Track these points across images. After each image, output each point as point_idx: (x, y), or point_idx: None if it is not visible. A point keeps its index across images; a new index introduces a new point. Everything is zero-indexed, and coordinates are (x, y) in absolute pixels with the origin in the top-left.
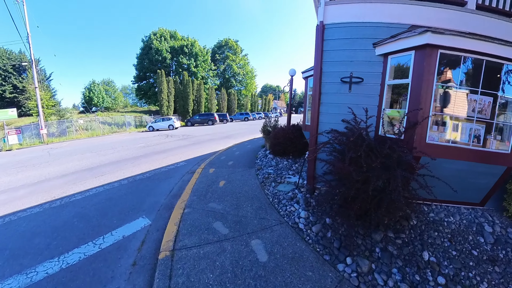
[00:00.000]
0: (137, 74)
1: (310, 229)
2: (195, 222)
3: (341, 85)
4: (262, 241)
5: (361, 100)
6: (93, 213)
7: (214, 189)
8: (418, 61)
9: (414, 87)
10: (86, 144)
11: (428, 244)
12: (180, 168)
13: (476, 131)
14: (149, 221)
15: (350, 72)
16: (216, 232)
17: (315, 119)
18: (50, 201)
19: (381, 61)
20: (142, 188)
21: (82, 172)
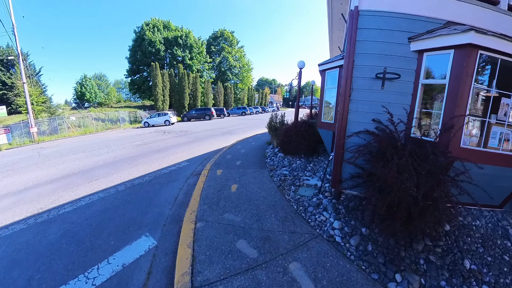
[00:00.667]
0: (130, 68)
1: (348, 242)
2: (213, 242)
3: (374, 81)
4: (302, 264)
5: (394, 98)
6: (85, 230)
7: (226, 195)
8: (457, 61)
9: (452, 89)
10: (79, 142)
11: (465, 251)
12: (183, 169)
13: (506, 135)
14: (154, 240)
15: (384, 67)
16: (243, 256)
17: (343, 118)
18: (36, 215)
19: (416, 58)
20: (142, 196)
21: (73, 176)
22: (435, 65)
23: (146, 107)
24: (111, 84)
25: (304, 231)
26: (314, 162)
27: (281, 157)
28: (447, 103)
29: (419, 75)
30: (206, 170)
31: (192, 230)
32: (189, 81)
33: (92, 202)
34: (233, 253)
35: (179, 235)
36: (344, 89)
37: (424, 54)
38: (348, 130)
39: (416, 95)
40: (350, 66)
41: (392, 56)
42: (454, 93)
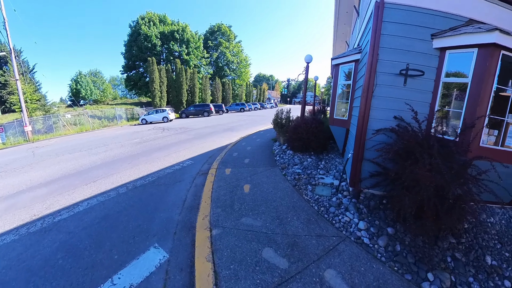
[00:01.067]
0: (126, 63)
1: (376, 243)
2: (235, 252)
3: (396, 77)
4: (337, 271)
5: (415, 95)
6: (84, 242)
7: (239, 196)
8: (480, 60)
9: (474, 88)
10: (75, 140)
11: (484, 247)
12: (188, 168)
13: None
14: (165, 253)
15: (406, 63)
16: (273, 268)
17: (365, 115)
18: (29, 223)
19: (437, 55)
20: (147, 199)
21: (70, 178)
22: (457, 63)
23: (143, 103)
24: (106, 81)
25: (331, 234)
26: (325, 160)
27: (291, 154)
28: (468, 102)
29: (440, 73)
30: (213, 169)
31: (209, 239)
32: (186, 76)
33: (91, 208)
34: (260, 265)
35: (194, 245)
36: (367, 84)
37: (447, 51)
38: (370, 127)
39: (437, 93)
40: (375, 60)
41: (414, 52)
42: (476, 92)
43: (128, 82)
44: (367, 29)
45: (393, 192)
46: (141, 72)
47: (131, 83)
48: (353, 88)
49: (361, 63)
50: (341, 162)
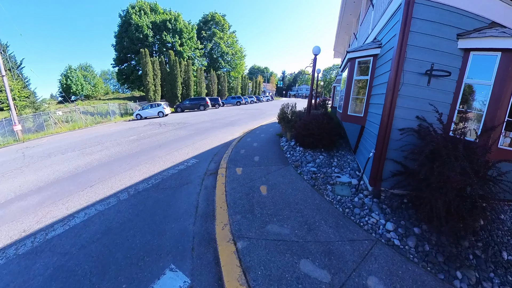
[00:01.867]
0: (117, 56)
1: (406, 244)
2: (270, 269)
3: (421, 76)
4: (378, 278)
5: (437, 96)
6: (83, 267)
7: (258, 199)
8: (503, 64)
9: (496, 91)
10: (67, 139)
11: (499, 243)
12: (193, 168)
13: None
14: (185, 277)
15: (432, 63)
16: (316, 283)
17: (390, 113)
18: (17, 241)
19: (461, 56)
20: (153, 206)
21: (64, 183)
22: (480, 66)
23: (136, 98)
24: (97, 75)
25: (362, 237)
26: (337, 157)
27: (301, 151)
28: (490, 104)
29: (463, 74)
30: (222, 168)
31: (235, 254)
32: (181, 69)
33: (89, 220)
34: (302, 281)
35: (218, 264)
36: (393, 83)
37: (471, 53)
38: (393, 127)
39: (458, 94)
40: (402, 58)
41: (440, 52)
42: (498, 95)
43: (120, 76)
44: (390, 24)
45: (421, 193)
46: (133, 65)
47: (123, 77)
48: (370, 84)
49: (381, 58)
50: (353, 160)
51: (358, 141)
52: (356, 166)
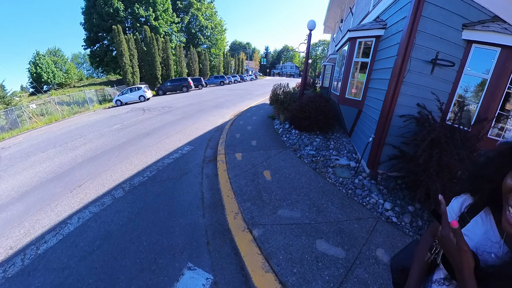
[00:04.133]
0: (88, 36)
1: (403, 221)
2: (290, 252)
3: (426, 64)
4: (384, 249)
5: (438, 85)
6: (87, 282)
7: (263, 185)
8: (501, 59)
9: (492, 85)
10: (46, 134)
11: None
12: (189, 155)
13: None
14: (206, 273)
15: (437, 51)
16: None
17: (393, 100)
18: (4, 262)
19: (464, 47)
20: (154, 201)
21: (49, 184)
22: (480, 59)
23: (113, 82)
24: (68, 60)
25: (366, 216)
26: (333, 139)
27: (297, 134)
28: (485, 97)
29: (464, 65)
30: (221, 154)
31: (253, 243)
32: (158, 47)
33: (84, 225)
34: (322, 260)
35: (238, 254)
36: (399, 69)
37: (473, 45)
38: (395, 114)
39: (457, 84)
40: (410, 44)
41: (445, 41)
42: (493, 89)
43: (93, 59)
44: (398, 4)
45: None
46: (106, 45)
47: (97, 59)
48: (370, 68)
49: (385, 41)
50: (348, 142)
51: (354, 124)
52: (352, 149)
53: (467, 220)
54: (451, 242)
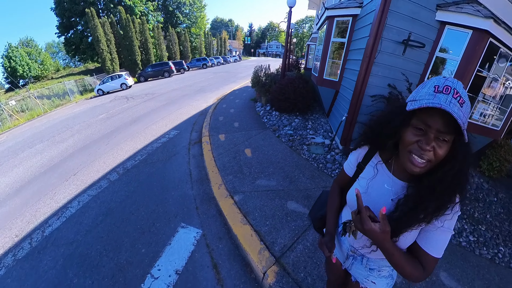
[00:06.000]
0: (60, 22)
1: None
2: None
3: (397, 45)
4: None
5: (409, 66)
6: (96, 248)
7: (244, 161)
8: (472, 42)
9: (461, 67)
10: (30, 130)
11: None
12: (176, 139)
13: (485, 110)
14: (196, 229)
15: (409, 32)
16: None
17: (364, 81)
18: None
19: (437, 28)
20: (147, 180)
21: (43, 177)
22: (452, 40)
23: (92, 71)
24: (43, 50)
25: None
26: (311, 120)
27: (277, 115)
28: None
29: (436, 46)
30: (205, 136)
31: (234, 205)
32: (135, 29)
33: (85, 206)
34: (290, 215)
35: (222, 214)
36: (370, 50)
37: (446, 26)
38: (366, 94)
39: (429, 65)
40: (382, 24)
41: (418, 21)
42: (462, 71)
43: (69, 47)
44: None
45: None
46: (81, 31)
47: (73, 47)
48: (347, 48)
49: (360, 21)
50: (326, 122)
51: (331, 105)
52: (329, 128)
53: (362, 167)
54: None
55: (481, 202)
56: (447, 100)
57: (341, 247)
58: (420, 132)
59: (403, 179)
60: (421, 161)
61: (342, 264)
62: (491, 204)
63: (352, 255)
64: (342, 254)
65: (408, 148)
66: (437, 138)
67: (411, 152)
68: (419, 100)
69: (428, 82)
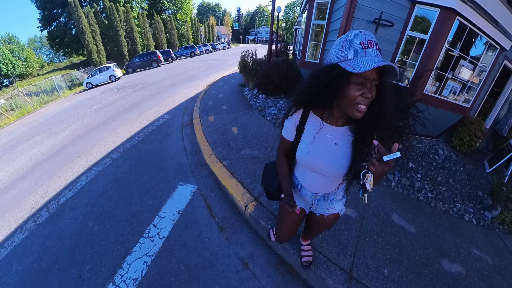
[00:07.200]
0: (42, 15)
1: None
2: (248, 170)
3: (369, 24)
4: None
5: (382, 44)
6: (109, 205)
7: (232, 137)
8: (440, 20)
9: (429, 44)
10: (23, 126)
11: (409, 159)
12: (169, 122)
13: (455, 88)
14: (192, 185)
15: (380, 11)
16: None
17: None
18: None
19: (408, 7)
20: (147, 155)
21: (47, 163)
22: (421, 19)
23: (78, 65)
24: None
25: None
26: None
27: (263, 98)
28: (423, 56)
29: (407, 25)
30: (196, 118)
31: (223, 167)
32: (120, 18)
33: (93, 179)
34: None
35: (213, 174)
36: (343, 29)
37: (416, 5)
38: None
39: (400, 44)
40: (353, 4)
41: (390, 1)
42: (431, 48)
43: (52, 41)
44: None
45: None
46: (63, 23)
47: (56, 41)
48: (327, 30)
49: (337, 2)
50: None
51: None
52: None
53: (302, 129)
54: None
55: (447, 170)
56: (377, 53)
57: (305, 198)
58: (361, 86)
59: (340, 125)
60: (364, 106)
61: (307, 210)
62: (456, 172)
63: (316, 198)
64: (307, 203)
65: (355, 101)
66: (371, 85)
67: (358, 103)
68: (354, 59)
69: (350, 40)
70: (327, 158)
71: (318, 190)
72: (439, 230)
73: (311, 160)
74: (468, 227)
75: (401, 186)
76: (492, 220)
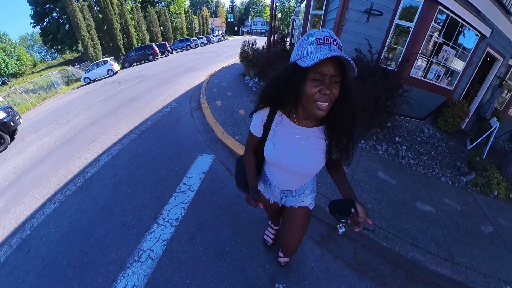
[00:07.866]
0: (34, 11)
1: None
2: None
3: (362, 14)
4: None
5: (372, 32)
6: (137, 173)
7: (240, 117)
8: (424, 9)
9: (415, 31)
10: (26, 122)
11: (396, 134)
12: (178, 108)
13: (439, 71)
14: (210, 156)
15: (372, 2)
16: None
17: None
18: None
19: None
20: (163, 135)
21: (62, 148)
22: (407, 9)
23: (71, 61)
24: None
25: None
26: None
27: None
28: (409, 43)
29: (395, 14)
30: (204, 103)
31: (236, 141)
32: (114, 11)
33: (115, 156)
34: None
35: (227, 147)
36: (339, 18)
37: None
38: None
39: (389, 32)
40: None
41: None
42: (416, 35)
43: (46, 37)
44: None
45: None
46: (56, 19)
47: (49, 37)
48: (324, 19)
49: None
50: None
51: None
52: None
53: (269, 127)
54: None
55: (430, 145)
56: (332, 49)
57: (274, 193)
58: (318, 82)
59: (308, 126)
60: (325, 104)
61: (279, 202)
62: (438, 146)
63: (284, 194)
64: (276, 197)
65: (313, 98)
66: (331, 82)
67: (317, 101)
68: (308, 55)
69: (307, 38)
70: (293, 158)
71: (286, 187)
72: (417, 185)
73: (277, 159)
74: (443, 186)
75: (388, 154)
76: (466, 183)
